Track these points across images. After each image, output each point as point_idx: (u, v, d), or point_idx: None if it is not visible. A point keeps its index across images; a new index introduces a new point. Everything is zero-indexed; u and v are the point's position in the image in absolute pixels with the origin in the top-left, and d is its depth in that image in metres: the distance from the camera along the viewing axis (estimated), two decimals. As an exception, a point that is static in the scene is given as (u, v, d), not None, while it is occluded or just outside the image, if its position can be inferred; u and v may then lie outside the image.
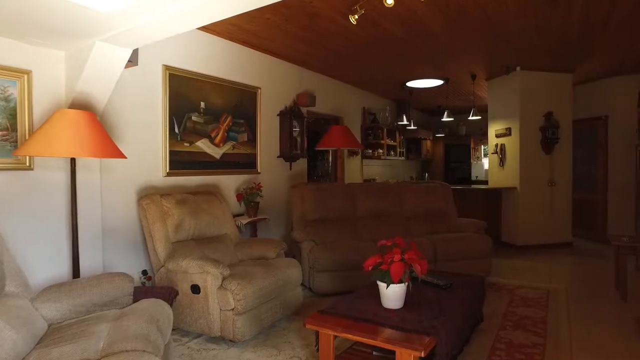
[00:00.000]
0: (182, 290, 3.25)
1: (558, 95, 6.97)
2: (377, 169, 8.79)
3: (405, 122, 8.00)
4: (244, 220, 4.73)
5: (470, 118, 7.39)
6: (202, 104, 4.63)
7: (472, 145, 11.37)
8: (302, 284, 4.59)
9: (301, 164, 6.36)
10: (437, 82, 7.49)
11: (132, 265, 3.88)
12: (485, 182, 9.50)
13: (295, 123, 5.97)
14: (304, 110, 6.32)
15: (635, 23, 4.78)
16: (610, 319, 3.82)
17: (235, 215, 4.92)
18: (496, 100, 7.40)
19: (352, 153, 7.72)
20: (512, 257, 6.27)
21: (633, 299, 4.29)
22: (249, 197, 4.88)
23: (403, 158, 9.36)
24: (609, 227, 7.46)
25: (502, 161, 7.23)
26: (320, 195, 5.14)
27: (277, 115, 5.84)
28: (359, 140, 8.03)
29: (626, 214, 7.22)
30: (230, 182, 5.06)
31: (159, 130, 4.16)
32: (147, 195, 3.66)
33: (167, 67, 4.20)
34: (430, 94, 8.83)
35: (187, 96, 4.43)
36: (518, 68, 6.71)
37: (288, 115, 5.81)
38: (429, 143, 10.87)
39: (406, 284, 2.55)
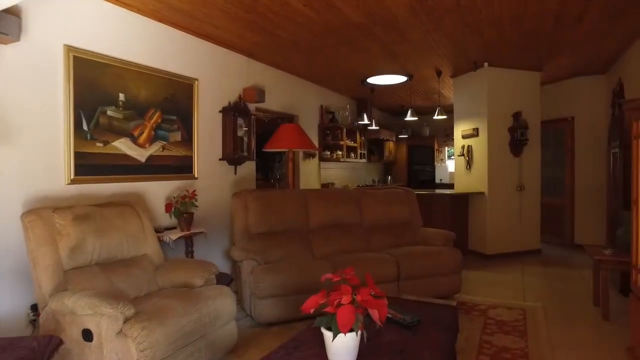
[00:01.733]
0: (72, 337, 2.46)
1: (527, 94, 6.56)
2: (336, 172, 8.15)
3: (366, 121, 7.40)
4: (174, 236, 3.96)
5: (435, 117, 6.87)
6: (122, 96, 3.82)
7: (436, 147, 10.96)
8: (243, 310, 3.91)
9: (248, 168, 5.63)
10: (400, 79, 6.94)
11: (20, 299, 3.04)
12: (450, 185, 9.06)
13: (240, 121, 5.24)
14: (252, 107, 5.60)
15: (609, 18, 4.39)
16: (596, 347, 3.30)
17: (166, 229, 4.15)
18: (462, 98, 6.92)
19: (309, 155, 7.05)
20: (482, 269, 5.77)
21: (616, 319, 3.82)
22: (180, 208, 4.12)
23: (364, 160, 8.78)
24: (576, 233, 7.14)
25: (469, 164, 6.75)
26: (267, 203, 4.43)
27: (220, 111, 5.09)
28: (316, 140, 7.37)
29: (594, 219, 6.90)
30: (159, 190, 4.27)
31: (59, 126, 3.33)
32: (34, 209, 2.85)
33: (70, 48, 3.37)
34: (392, 92, 8.29)
35: (100, 86, 3.62)
36: (486, 64, 6.24)
37: (232, 112, 5.07)
38: (391, 144, 10.35)
39: (359, 332, 1.89)
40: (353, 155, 8.19)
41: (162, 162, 4.29)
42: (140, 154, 4.02)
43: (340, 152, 7.50)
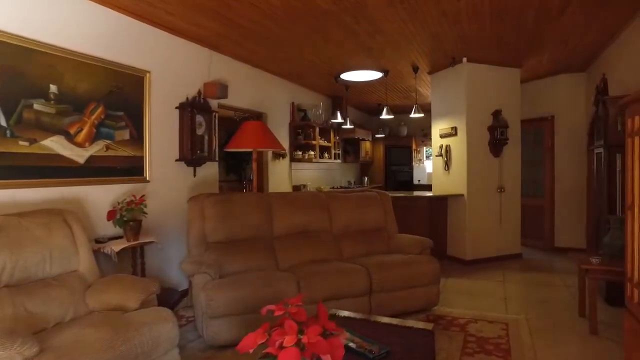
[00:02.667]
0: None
1: (506, 91, 6.27)
2: (309, 173, 7.75)
3: (339, 119, 7.02)
4: (117, 247, 3.48)
5: (412, 116, 6.53)
6: (53, 88, 3.33)
7: (414, 147, 10.67)
8: (196, 330, 3.47)
9: (210, 169, 5.17)
10: (375, 75, 6.58)
11: None
12: (429, 187, 8.76)
13: (200, 118, 4.79)
14: (213, 103, 5.15)
15: (592, 8, 4.12)
16: (587, 368, 2.99)
17: (111, 239, 3.68)
18: (440, 96, 6.60)
19: (278, 155, 6.62)
20: (462, 276, 5.44)
21: (604, 332, 3.52)
22: (125, 215, 3.64)
23: (339, 161, 8.39)
24: (556, 236, 6.90)
25: (447, 164, 6.43)
26: (226, 209, 4.00)
27: (177, 108, 4.62)
28: (287, 140, 6.95)
29: (574, 222, 6.67)
30: (103, 195, 3.78)
31: (-30, 122, 2.84)
32: None
33: (-15, 31, 2.89)
34: (368, 90, 7.93)
35: (24, 75, 3.12)
36: (464, 59, 5.92)
37: (190, 108, 4.61)
38: (368, 144, 10.00)
39: (309, 380, 1.48)
40: (327, 155, 7.79)
41: (107, 163, 3.81)
42: (78, 154, 3.53)
43: (312, 153, 7.09)
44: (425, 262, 3.96)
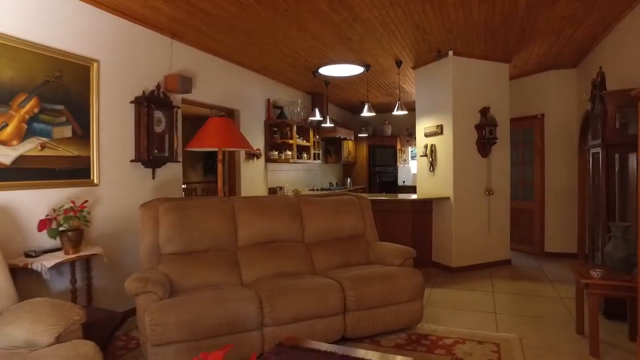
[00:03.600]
0: None
1: (495, 88, 5.90)
2: (287, 175, 7.29)
3: (317, 117, 6.58)
4: (50, 262, 2.99)
5: (395, 113, 6.13)
6: (-30, 76, 2.83)
7: (398, 147, 10.28)
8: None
9: (171, 171, 4.68)
10: (356, 70, 6.16)
11: None
12: (414, 188, 8.37)
13: (159, 114, 4.31)
14: (177, 98, 4.67)
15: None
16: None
17: (47, 252, 3.18)
18: (425, 92, 6.20)
19: (252, 156, 6.15)
20: (448, 285, 5.04)
21: (606, 354, 3.13)
22: (63, 224, 3.15)
23: (319, 161, 7.94)
24: (546, 240, 6.55)
25: (432, 165, 6.02)
26: (184, 215, 3.53)
27: (132, 102, 4.13)
28: (262, 139, 6.49)
29: (565, 225, 6.34)
30: (38, 201, 3.27)
31: None
32: None
33: None
34: (350, 86, 7.51)
35: None
36: (450, 53, 5.53)
37: (146, 103, 4.12)
38: (350, 144, 9.58)
39: None
40: (306, 155, 7.34)
41: (42, 164, 3.30)
42: (3, 154, 3.03)
43: (289, 153, 6.63)
44: (407, 275, 3.53)
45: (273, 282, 3.42)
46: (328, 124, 7.14)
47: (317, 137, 7.78)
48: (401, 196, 6.27)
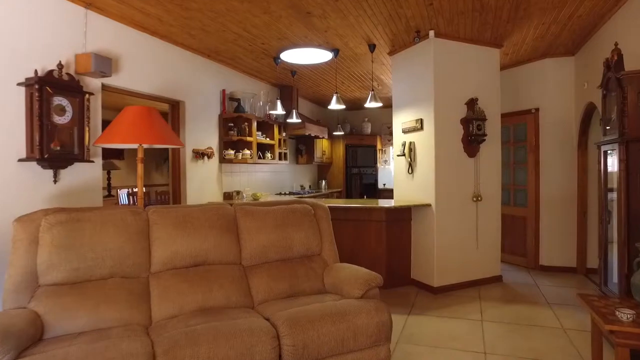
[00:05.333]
0: None
1: (484, 76, 5.08)
2: (249, 177, 6.39)
3: (279, 111, 5.67)
4: None
5: (368, 105, 5.27)
6: None
7: (379, 147, 9.44)
8: None
9: (84, 173, 3.74)
10: (323, 56, 5.29)
11: None
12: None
13: (62, 101, 3.38)
14: (95, 83, 3.76)
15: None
16: None
17: None
18: (403, 81, 5.35)
19: (201, 155, 5.24)
20: (427, 310, 4.19)
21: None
22: None
23: (286, 162, 7.04)
24: (542, 252, 5.74)
25: (411, 167, 5.17)
26: (75, 232, 2.62)
27: (21, 85, 3.21)
28: (216, 135, 5.58)
29: (563, 235, 5.55)
30: None
31: None
32: None
33: None
34: (320, 77, 6.64)
35: None
36: (431, 33, 4.68)
37: (38, 86, 3.19)
38: (325, 143, 8.70)
39: None
40: (270, 155, 6.44)
41: None
42: None
43: (248, 152, 5.72)
44: (369, 311, 2.65)
45: (191, 320, 2.54)
46: (295, 120, 6.25)
47: (284, 134, 6.89)
48: (382, 202, 5.41)
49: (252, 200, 5.46)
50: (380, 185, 9.39)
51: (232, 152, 5.62)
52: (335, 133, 8.75)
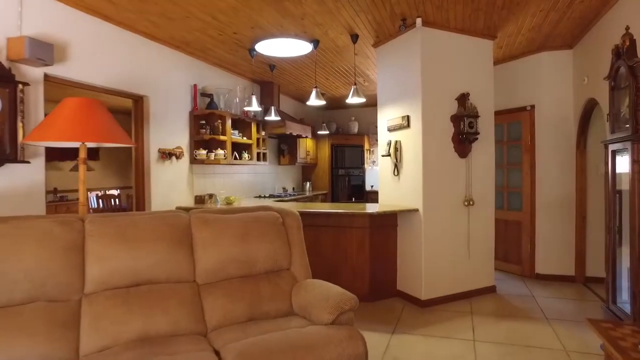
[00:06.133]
0: None
1: (476, 69, 4.68)
2: (225, 179, 5.93)
3: (254, 107, 5.21)
4: None
5: (350, 101, 4.84)
6: None
7: (366, 147, 9.03)
8: None
9: (16, 177, 3.26)
10: (302, 47, 4.86)
11: None
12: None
13: (-12, 92, 2.91)
14: (34, 72, 3.29)
15: None
16: None
17: None
18: (388, 75, 4.93)
19: (168, 155, 4.78)
20: (414, 328, 3.76)
21: None
22: None
23: (265, 163, 6.58)
24: (537, 259, 5.36)
25: (397, 168, 4.75)
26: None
27: (-64, 71, 2.74)
28: (187, 134, 5.13)
29: (561, 241, 5.16)
30: None
31: None
32: None
33: None
34: (300, 72, 6.20)
35: None
36: (419, 21, 4.27)
37: (-44, 73, 2.73)
38: (309, 142, 8.26)
39: None
40: (247, 155, 5.98)
41: None
42: None
43: (222, 152, 5.27)
44: (340, 341, 2.22)
45: (125, 354, 2.09)
46: (273, 117, 5.80)
47: (264, 133, 6.43)
48: (370, 207, 4.99)
49: (225, 205, 5.00)
50: (368, 187, 8.97)
51: (204, 152, 5.16)
52: (320, 132, 8.31)
